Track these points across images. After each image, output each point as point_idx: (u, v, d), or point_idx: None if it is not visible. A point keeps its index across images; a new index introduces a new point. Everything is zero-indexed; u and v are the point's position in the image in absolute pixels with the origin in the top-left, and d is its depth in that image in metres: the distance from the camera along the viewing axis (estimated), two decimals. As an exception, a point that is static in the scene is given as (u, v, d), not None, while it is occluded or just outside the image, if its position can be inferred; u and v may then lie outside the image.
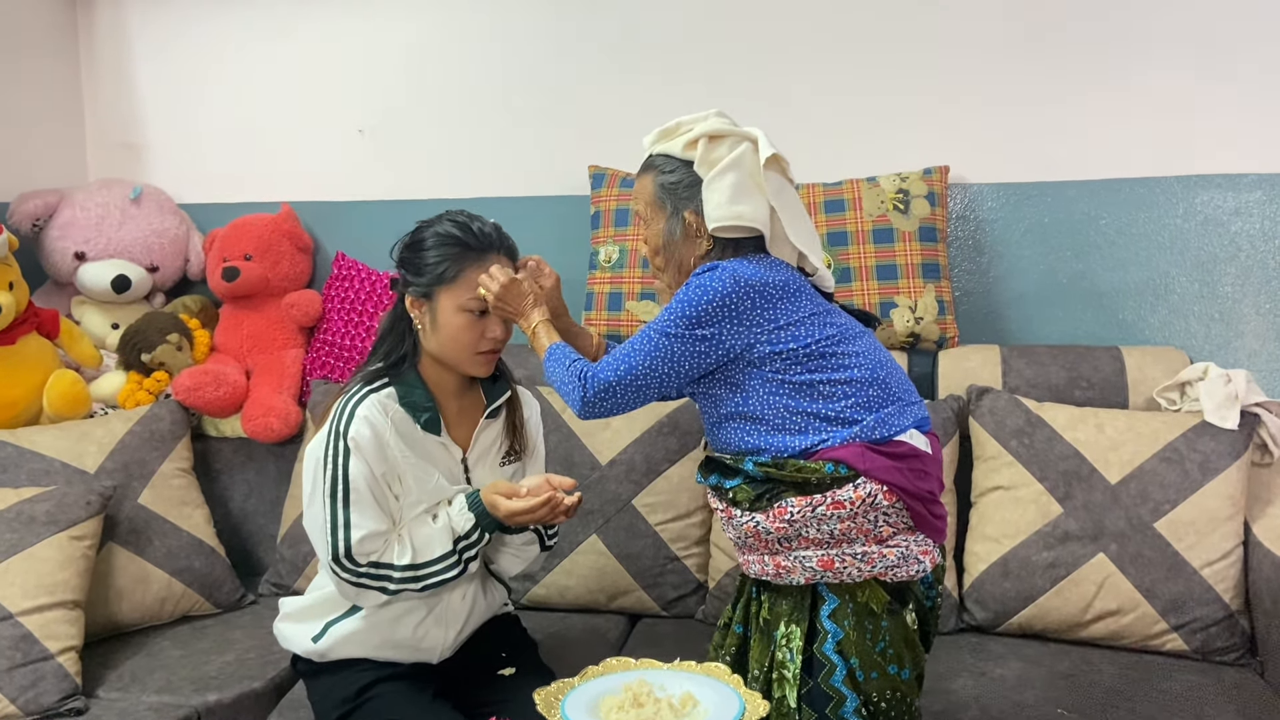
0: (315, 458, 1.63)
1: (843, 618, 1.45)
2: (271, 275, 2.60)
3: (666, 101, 2.52)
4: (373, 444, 1.62)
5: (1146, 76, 2.32)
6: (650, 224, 1.59)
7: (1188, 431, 2.05)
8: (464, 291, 1.64)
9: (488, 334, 1.66)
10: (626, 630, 2.20)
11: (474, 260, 1.64)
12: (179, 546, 2.25)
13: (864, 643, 1.44)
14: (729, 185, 1.50)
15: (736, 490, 1.49)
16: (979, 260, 2.45)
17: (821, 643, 1.45)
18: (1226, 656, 1.95)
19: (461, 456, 1.73)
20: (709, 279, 1.47)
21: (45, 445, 2.22)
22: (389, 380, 1.69)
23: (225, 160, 2.81)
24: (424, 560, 1.62)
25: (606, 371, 1.49)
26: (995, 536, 2.09)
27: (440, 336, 1.66)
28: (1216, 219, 2.31)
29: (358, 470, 1.60)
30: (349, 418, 1.62)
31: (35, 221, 2.58)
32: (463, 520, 1.65)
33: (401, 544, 1.63)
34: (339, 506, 1.60)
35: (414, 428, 1.67)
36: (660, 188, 1.56)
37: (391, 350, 1.71)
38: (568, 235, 2.60)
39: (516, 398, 1.81)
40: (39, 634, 1.89)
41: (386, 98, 2.71)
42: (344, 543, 1.59)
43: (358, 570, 1.60)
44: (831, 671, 1.43)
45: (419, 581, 1.62)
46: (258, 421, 2.46)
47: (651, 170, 1.58)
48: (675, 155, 1.55)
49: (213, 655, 2.07)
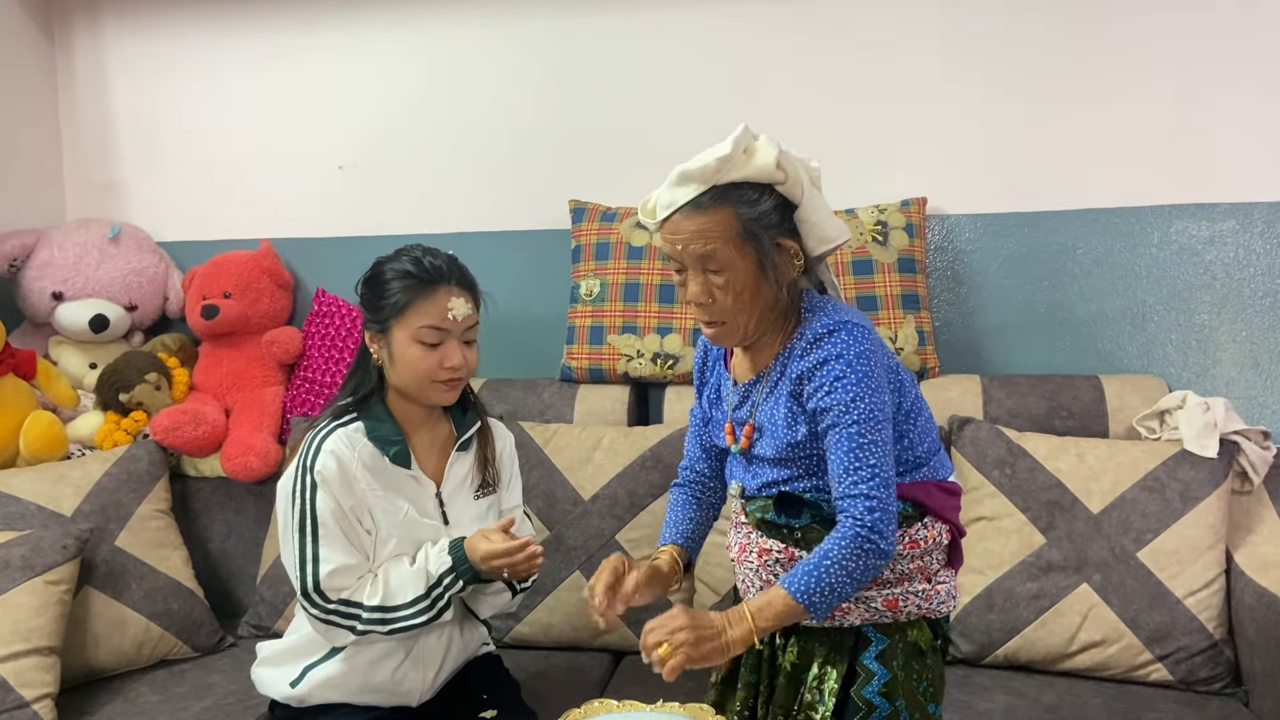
0: (285, 493, 1.65)
1: (891, 659, 1.42)
2: (251, 313, 2.59)
3: (645, 137, 2.54)
4: (339, 477, 1.62)
5: (1122, 108, 2.35)
6: (732, 266, 1.37)
7: (1168, 460, 2.05)
8: (415, 321, 1.65)
9: (445, 363, 1.66)
10: (610, 668, 2.18)
11: (424, 292, 1.65)
12: (157, 589, 2.22)
13: (910, 683, 1.42)
14: (821, 203, 1.41)
15: (806, 531, 1.42)
16: (958, 291, 2.46)
17: (862, 685, 1.41)
18: (1211, 686, 1.95)
19: (435, 490, 1.72)
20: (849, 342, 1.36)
21: (21, 488, 2.19)
22: (357, 415, 1.70)
23: (204, 198, 2.80)
24: (394, 604, 1.62)
25: (872, 501, 1.32)
26: (979, 568, 2.09)
27: (399, 369, 1.67)
28: (1191, 248, 2.33)
29: (324, 504, 1.61)
30: (315, 452, 1.63)
31: (12, 262, 2.56)
32: (439, 564, 1.64)
33: (374, 584, 1.63)
34: (307, 541, 1.61)
35: (383, 461, 1.67)
36: (747, 221, 1.36)
37: (359, 385, 1.73)
38: (548, 270, 2.60)
39: (488, 429, 1.82)
40: (14, 681, 1.86)
41: (366, 134, 2.72)
42: (312, 577, 1.60)
43: (327, 606, 1.60)
44: (869, 714, 1.40)
45: (386, 625, 1.62)
46: (237, 461, 2.44)
47: (727, 204, 1.36)
48: (754, 180, 1.37)
49: (191, 700, 2.03)
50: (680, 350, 2.40)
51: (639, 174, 2.47)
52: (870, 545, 1.31)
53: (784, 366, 1.43)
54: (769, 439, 1.43)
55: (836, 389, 1.35)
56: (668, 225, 1.40)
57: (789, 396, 1.41)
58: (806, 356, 1.38)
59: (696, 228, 1.36)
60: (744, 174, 1.36)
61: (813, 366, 1.37)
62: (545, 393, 2.49)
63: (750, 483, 1.47)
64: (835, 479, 1.35)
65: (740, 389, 1.49)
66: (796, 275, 1.42)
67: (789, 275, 1.41)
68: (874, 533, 1.31)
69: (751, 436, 1.45)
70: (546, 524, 2.26)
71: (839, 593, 1.32)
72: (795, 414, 1.40)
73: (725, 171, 1.35)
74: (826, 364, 1.36)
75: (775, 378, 1.44)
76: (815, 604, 1.31)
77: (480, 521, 1.76)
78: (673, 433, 2.30)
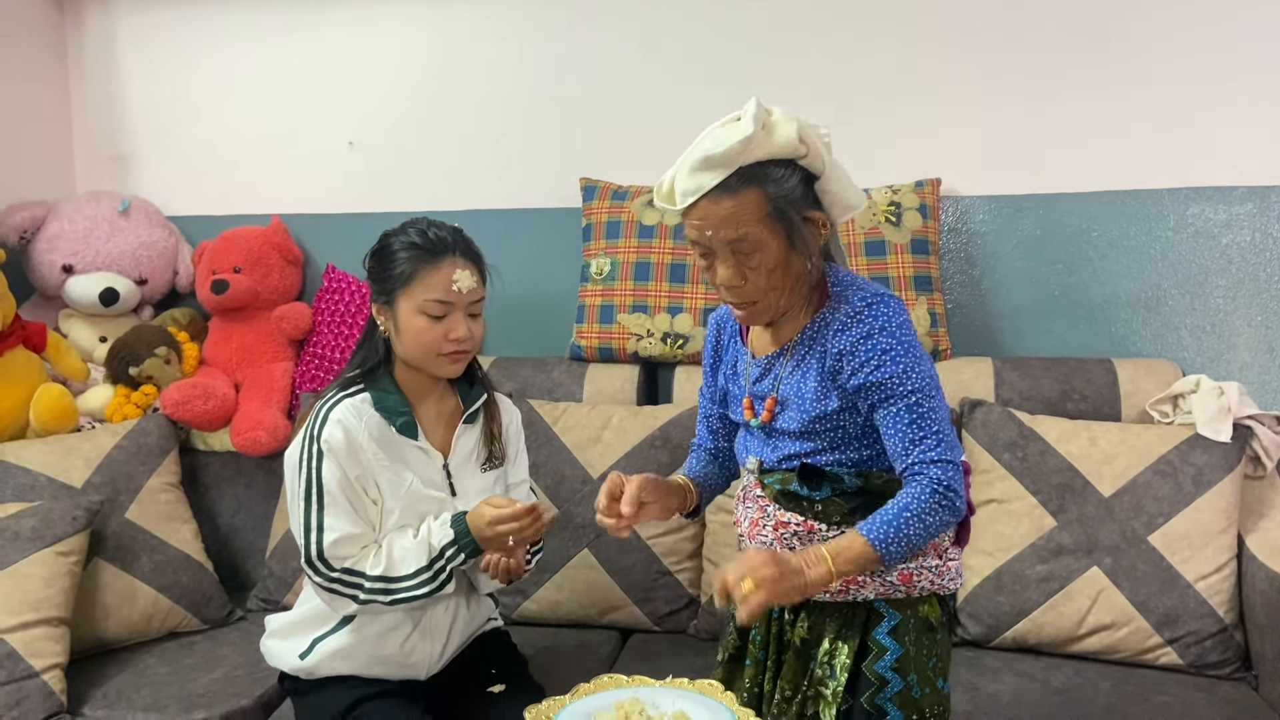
0: (292, 462, 1.66)
1: (904, 634, 1.41)
2: (261, 288, 2.59)
3: (657, 115, 2.52)
4: (345, 447, 1.63)
5: (1139, 89, 2.33)
6: (763, 246, 1.35)
7: (1181, 444, 2.04)
8: (420, 293, 1.65)
9: (450, 335, 1.66)
10: (619, 645, 2.18)
11: (428, 263, 1.65)
12: (166, 562, 2.23)
13: (921, 658, 1.42)
14: (841, 172, 1.38)
15: (827, 503, 1.41)
16: (971, 273, 2.45)
17: (874, 660, 1.41)
18: (1221, 671, 1.94)
19: (443, 462, 1.73)
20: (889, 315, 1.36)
21: (31, 460, 2.20)
22: (364, 386, 1.70)
23: (214, 173, 2.80)
24: (396, 574, 1.63)
25: (945, 465, 1.33)
26: (989, 550, 2.08)
27: (405, 340, 1.68)
28: (1208, 231, 2.31)
29: (330, 473, 1.62)
30: (323, 421, 1.65)
31: (22, 234, 2.56)
32: (441, 536, 1.64)
33: (378, 554, 1.64)
34: (313, 509, 1.62)
35: (390, 431, 1.68)
36: (776, 200, 1.34)
37: (366, 357, 1.74)
38: (559, 248, 2.59)
39: (494, 403, 1.82)
40: (23, 651, 1.86)
41: (377, 110, 2.71)
42: (316, 545, 1.61)
43: (330, 575, 1.61)
44: (880, 689, 1.40)
45: (389, 595, 1.62)
46: (246, 435, 2.44)
47: (755, 185, 1.33)
48: (777, 157, 1.34)
49: (200, 672, 2.04)
50: (690, 330, 2.39)
51: (651, 152, 2.45)
52: (947, 502, 1.33)
53: (814, 340, 1.42)
54: (794, 412, 1.42)
55: (885, 363, 1.34)
56: (694, 212, 1.36)
57: (821, 371, 1.40)
58: (846, 332, 1.37)
59: (726, 212, 1.34)
60: (767, 152, 1.33)
61: (855, 342, 1.36)
62: (555, 371, 2.49)
63: (770, 456, 1.46)
64: (901, 451, 1.35)
65: (761, 362, 1.48)
66: (826, 237, 1.41)
67: (817, 247, 1.39)
68: (951, 491, 1.33)
69: (773, 410, 1.44)
70: (555, 502, 2.25)
71: (912, 544, 1.32)
72: (826, 388, 1.39)
73: (749, 152, 1.32)
74: (870, 338, 1.35)
75: (803, 351, 1.43)
76: (890, 553, 1.32)
77: (487, 494, 1.76)
78: (682, 412, 2.29)
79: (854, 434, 1.41)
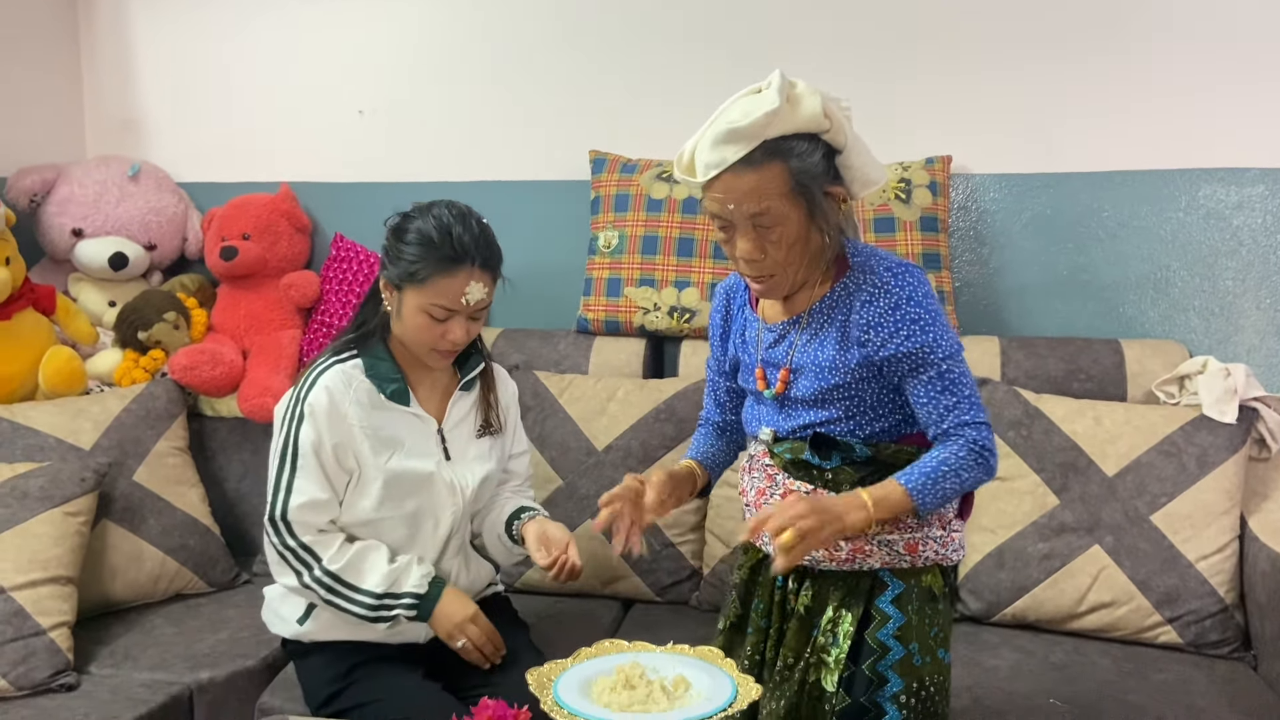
0: (277, 418, 1.68)
1: (906, 603, 1.43)
2: (269, 255, 2.59)
3: (666, 88, 2.52)
4: (327, 412, 1.64)
5: (1152, 69, 2.31)
6: (784, 220, 1.35)
7: (1186, 425, 2.04)
8: (428, 296, 1.63)
9: (447, 336, 1.66)
10: (620, 615, 2.20)
11: (445, 270, 1.62)
12: (174, 525, 2.25)
13: (923, 627, 1.43)
14: (862, 146, 1.38)
15: (837, 472, 1.42)
16: (980, 251, 2.44)
17: (877, 628, 1.42)
18: (1220, 650, 1.95)
19: (437, 427, 1.74)
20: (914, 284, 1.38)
21: (40, 421, 2.21)
22: (357, 352, 1.71)
23: (224, 139, 2.80)
24: (349, 580, 1.64)
25: (980, 427, 1.37)
26: (991, 527, 2.09)
27: (404, 327, 1.69)
28: (1219, 213, 2.30)
29: (307, 436, 1.63)
30: (310, 385, 1.66)
31: (33, 197, 2.57)
32: (411, 583, 1.65)
33: (343, 549, 1.65)
34: (285, 469, 1.64)
35: (379, 399, 1.69)
36: (799, 175, 1.33)
37: (364, 321, 1.75)
38: (567, 220, 2.59)
39: (490, 372, 1.83)
40: (31, 609, 1.88)
41: (387, 79, 2.70)
42: (283, 505, 1.63)
43: (288, 541, 1.63)
44: (882, 656, 1.41)
45: (331, 593, 1.64)
46: (254, 402, 2.45)
47: (779, 159, 1.33)
48: (801, 131, 1.34)
49: (206, 633, 2.06)
50: (697, 304, 2.39)
51: (661, 126, 2.47)
52: (983, 461, 1.37)
53: (834, 309, 1.42)
54: (810, 380, 1.43)
55: (915, 332, 1.37)
56: (717, 185, 1.36)
57: (842, 340, 1.40)
58: (874, 303, 1.38)
59: (748, 186, 1.33)
60: (792, 126, 1.33)
61: (884, 313, 1.38)
62: (561, 343, 2.49)
63: (783, 425, 1.46)
64: (936, 417, 1.38)
65: (776, 328, 1.48)
66: (844, 212, 1.41)
67: (837, 221, 1.40)
68: (987, 450, 1.37)
69: (787, 380, 1.45)
70: (559, 474, 2.27)
71: (945, 498, 1.36)
72: (846, 356, 1.40)
73: (774, 125, 1.31)
74: (899, 309, 1.37)
75: (821, 320, 1.43)
76: (925, 503, 1.34)
77: (482, 460, 1.77)
78: (687, 386, 2.30)
79: (870, 403, 1.42)
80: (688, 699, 1.32)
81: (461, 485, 1.75)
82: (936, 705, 1.43)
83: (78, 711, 1.76)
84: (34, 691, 1.82)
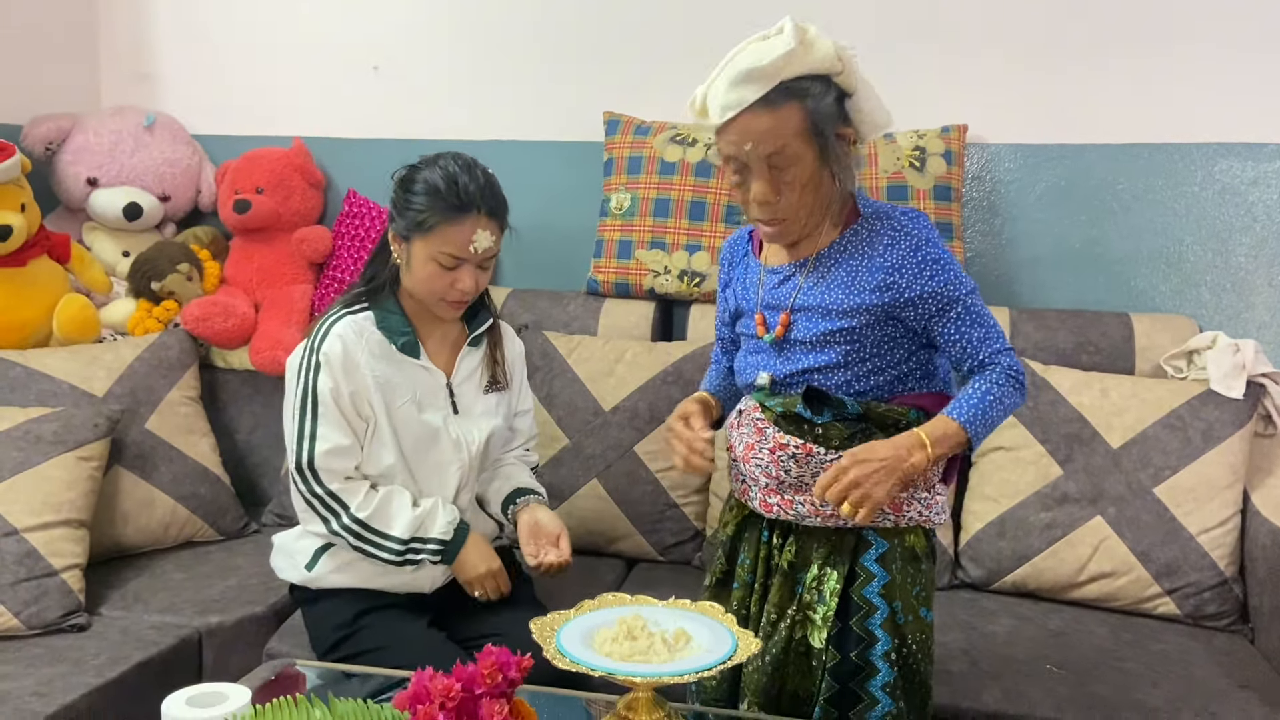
0: (292, 371, 1.70)
1: (890, 562, 1.45)
2: (282, 210, 2.60)
3: (682, 50, 2.49)
4: (341, 360, 1.66)
5: (1171, 41, 2.29)
6: (798, 161, 1.37)
7: (1192, 399, 2.04)
8: (436, 244, 1.65)
9: (456, 285, 1.68)
10: (623, 573, 2.22)
11: (451, 218, 1.64)
12: (185, 473, 2.27)
13: (906, 586, 1.45)
14: (871, 91, 1.41)
15: (828, 427, 1.43)
16: (993, 222, 2.43)
17: (862, 586, 1.44)
18: (1218, 622, 1.96)
19: (446, 381, 1.76)
20: (929, 226, 1.43)
21: (54, 367, 2.24)
22: (368, 305, 1.73)
23: (239, 92, 2.79)
24: (376, 527, 1.66)
25: (1010, 353, 1.42)
26: (994, 496, 2.10)
27: (413, 278, 1.70)
28: (1234, 188, 2.29)
29: (325, 385, 1.65)
30: (323, 335, 1.68)
31: (48, 145, 2.57)
32: (438, 528, 1.69)
33: (370, 496, 1.67)
34: (307, 418, 1.66)
35: (390, 350, 1.71)
36: (814, 115, 1.36)
37: (375, 275, 1.76)
38: (580, 181, 2.58)
39: (498, 329, 1.85)
40: (44, 550, 1.91)
41: (403, 36, 2.69)
42: (309, 453, 1.65)
43: (315, 489, 1.65)
44: (870, 614, 1.43)
45: (358, 539, 1.66)
46: (265, 354, 2.47)
47: (794, 99, 1.35)
48: (815, 73, 1.35)
49: (215, 580, 2.10)
50: (708, 269, 2.39)
51: (675, 88, 2.43)
52: (1019, 385, 1.42)
53: (845, 253, 1.44)
54: (814, 321, 1.44)
55: (938, 271, 1.41)
56: (733, 126, 1.37)
57: (853, 283, 1.42)
58: (897, 246, 1.41)
59: (766, 127, 1.35)
60: (807, 67, 1.35)
61: (906, 254, 1.41)
62: (571, 305, 2.50)
63: (780, 369, 1.47)
64: (970, 351, 1.42)
65: (781, 270, 1.49)
66: (853, 153, 1.43)
67: (848, 164, 1.42)
68: (1021, 374, 1.42)
69: (787, 324, 1.46)
70: (566, 433, 2.28)
71: (992, 426, 1.40)
72: (855, 300, 1.42)
73: (790, 66, 1.33)
74: (920, 250, 1.41)
75: (830, 264, 1.45)
76: (978, 434, 1.39)
77: (489, 416, 1.79)
78: (695, 349, 2.31)
79: (868, 351, 1.43)
80: (688, 651, 1.33)
81: (468, 440, 1.76)
82: (919, 663, 1.46)
83: (89, 651, 1.79)
84: (45, 631, 1.86)
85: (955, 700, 1.70)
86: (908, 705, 1.45)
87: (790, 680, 1.49)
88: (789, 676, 1.48)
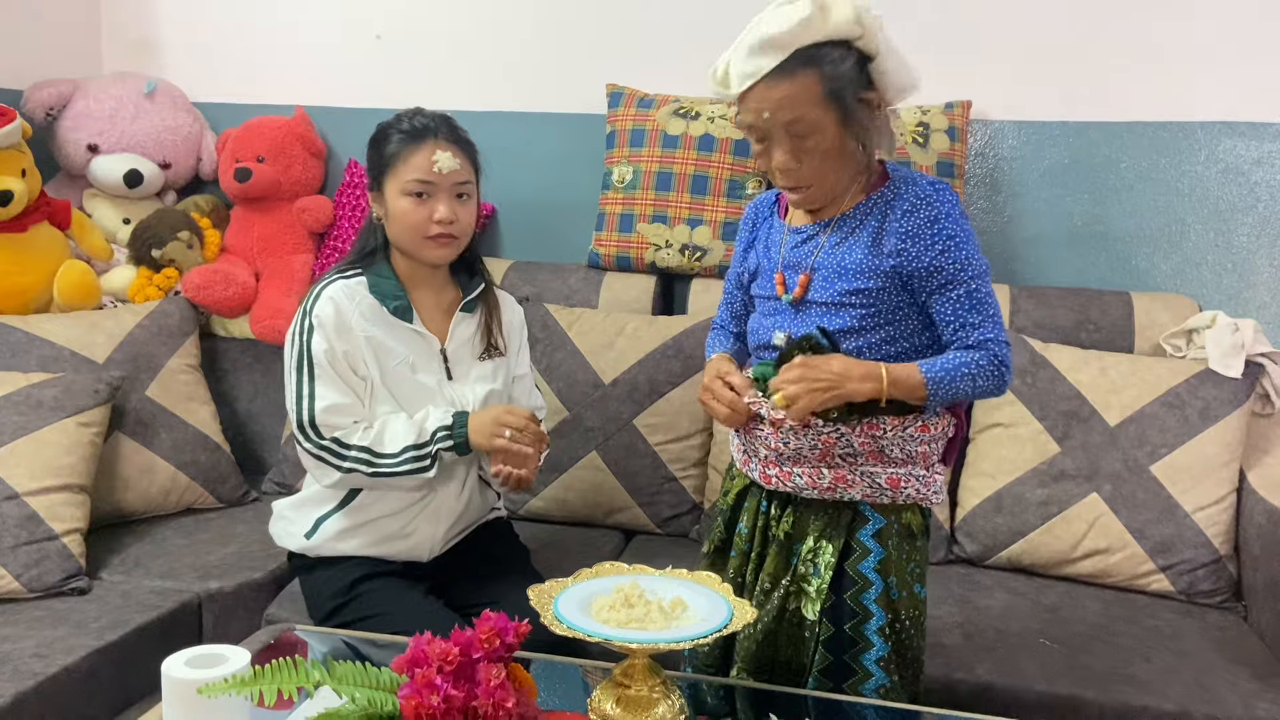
0: (288, 336, 1.72)
1: (886, 538, 1.45)
2: (283, 178, 2.59)
3: (687, 23, 2.49)
4: (334, 322, 1.68)
5: (1176, 19, 2.27)
6: (818, 128, 1.37)
7: (1191, 378, 2.05)
8: (404, 174, 1.70)
9: (434, 216, 1.70)
10: (621, 545, 2.23)
11: (412, 145, 1.70)
12: (185, 440, 2.28)
13: (901, 562, 1.46)
14: (896, 53, 1.39)
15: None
16: (995, 199, 2.43)
17: (858, 560, 1.45)
18: (1211, 599, 1.98)
19: (440, 347, 1.76)
20: (953, 202, 1.41)
21: (55, 333, 2.24)
22: (361, 270, 1.75)
23: (240, 60, 2.78)
24: (381, 450, 1.67)
25: (1002, 345, 1.41)
26: (991, 472, 2.11)
27: (394, 224, 1.72)
28: (1238, 168, 2.28)
29: (319, 345, 1.67)
30: (316, 298, 1.70)
31: (49, 110, 2.56)
32: (436, 420, 1.68)
33: (367, 430, 1.69)
34: (304, 379, 1.68)
35: (383, 314, 1.72)
36: (830, 81, 1.35)
37: (365, 244, 1.79)
38: (581, 154, 2.58)
39: (492, 294, 1.85)
40: (44, 514, 1.92)
41: (406, 4, 2.67)
42: (309, 411, 1.67)
43: (320, 442, 1.67)
44: (864, 589, 1.44)
45: (371, 467, 1.67)
46: (265, 323, 2.48)
47: (812, 67, 1.34)
48: (834, 39, 1.35)
49: (215, 546, 2.11)
50: (709, 243, 2.39)
51: (679, 61, 2.44)
52: (999, 375, 1.41)
53: (868, 216, 1.44)
54: (832, 281, 1.44)
55: (951, 248, 1.40)
56: (751, 95, 1.37)
57: (874, 245, 1.42)
58: (915, 214, 1.40)
59: (783, 95, 1.35)
60: (824, 33, 1.34)
61: (923, 225, 1.40)
62: (572, 277, 2.50)
63: (798, 330, 1.47)
64: (961, 334, 1.41)
65: (804, 230, 1.49)
66: (878, 120, 1.42)
67: (872, 128, 1.41)
68: (1005, 367, 1.41)
69: (806, 285, 1.46)
70: (566, 405, 2.29)
71: (955, 396, 1.40)
72: (875, 262, 1.41)
73: (807, 34, 1.33)
74: (937, 222, 1.40)
75: (854, 225, 1.45)
76: (936, 394, 1.38)
77: (485, 381, 1.80)
78: (696, 324, 2.31)
79: (884, 318, 1.43)
80: (684, 619, 1.34)
81: (463, 403, 1.76)
82: (911, 638, 1.47)
83: (89, 614, 1.81)
84: (46, 594, 1.87)
85: (949, 672, 1.71)
86: (900, 678, 1.47)
87: (782, 650, 1.50)
88: (781, 646, 1.50)
